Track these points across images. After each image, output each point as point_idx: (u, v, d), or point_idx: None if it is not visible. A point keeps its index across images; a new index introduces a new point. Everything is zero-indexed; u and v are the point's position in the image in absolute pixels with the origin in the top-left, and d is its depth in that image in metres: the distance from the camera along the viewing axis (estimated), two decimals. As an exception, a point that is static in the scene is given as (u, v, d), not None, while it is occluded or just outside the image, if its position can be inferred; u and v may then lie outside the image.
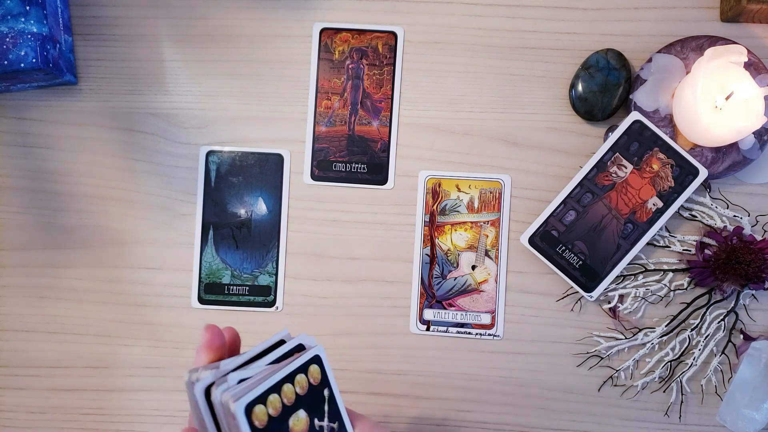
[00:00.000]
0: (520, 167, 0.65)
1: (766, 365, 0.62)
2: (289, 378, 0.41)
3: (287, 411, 0.41)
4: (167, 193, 0.67)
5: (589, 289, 0.63)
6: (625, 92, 0.63)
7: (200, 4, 0.67)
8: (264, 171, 0.66)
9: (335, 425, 0.43)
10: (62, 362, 0.67)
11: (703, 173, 0.62)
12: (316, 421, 0.42)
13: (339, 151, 0.66)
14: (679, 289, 0.64)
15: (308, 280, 0.66)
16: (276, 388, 0.40)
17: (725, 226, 0.64)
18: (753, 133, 0.61)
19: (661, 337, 0.64)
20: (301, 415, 0.41)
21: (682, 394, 0.64)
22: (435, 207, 0.66)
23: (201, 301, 0.66)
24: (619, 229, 0.62)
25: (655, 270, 0.64)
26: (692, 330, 0.64)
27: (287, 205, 0.66)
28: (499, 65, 0.66)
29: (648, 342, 0.64)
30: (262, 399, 0.39)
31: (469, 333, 0.65)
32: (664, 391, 0.64)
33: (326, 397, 0.43)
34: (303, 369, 0.42)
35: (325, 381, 0.43)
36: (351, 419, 0.45)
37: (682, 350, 0.64)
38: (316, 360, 0.43)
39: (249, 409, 0.39)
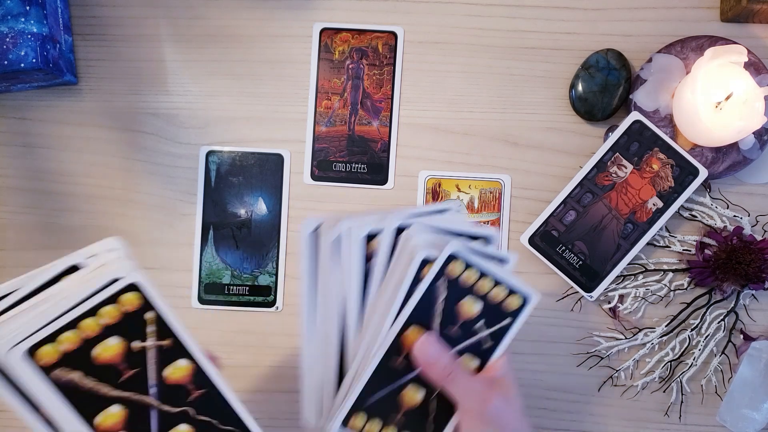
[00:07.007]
0: (520, 167, 0.65)
1: (766, 365, 0.62)
2: (495, 281, 0.46)
3: (471, 291, 0.46)
4: (167, 193, 0.67)
5: (589, 289, 0.63)
6: (625, 92, 0.63)
7: (200, 4, 0.67)
8: (264, 171, 0.66)
9: (488, 345, 0.47)
10: (62, 362, 0.67)
11: (703, 173, 0.62)
12: (481, 323, 0.46)
13: (339, 151, 0.66)
14: (679, 289, 0.64)
15: (308, 280, 0.66)
16: (481, 273, 0.46)
17: (725, 226, 0.64)
18: (753, 133, 0.61)
19: (661, 337, 0.64)
20: (477, 306, 0.46)
21: (682, 394, 0.64)
22: (435, 207, 0.66)
23: (201, 301, 0.66)
24: (619, 229, 0.62)
25: (655, 270, 0.64)
26: (692, 330, 0.64)
27: (287, 205, 0.66)
28: (499, 65, 0.66)
29: (648, 342, 0.64)
30: (465, 263, 0.45)
31: (469, 333, 0.65)
32: (664, 391, 0.64)
33: (503, 324, 0.47)
34: (509, 289, 0.47)
35: (515, 316, 0.47)
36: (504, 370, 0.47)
37: (682, 350, 0.64)
38: (523, 299, 0.48)
39: (450, 259, 0.44)
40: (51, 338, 0.39)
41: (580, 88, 0.64)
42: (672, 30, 0.65)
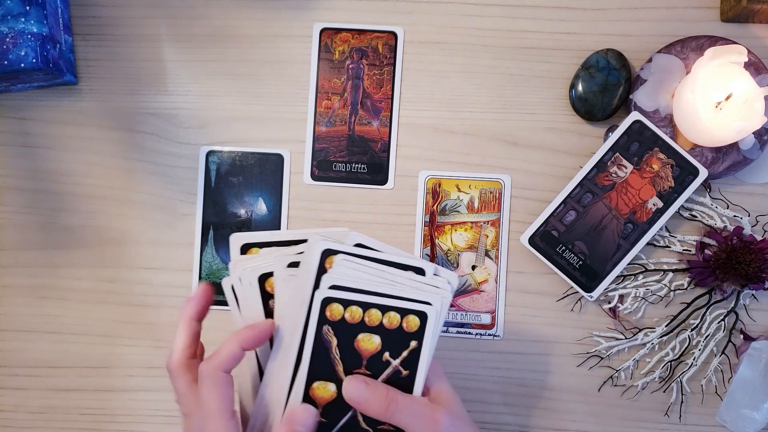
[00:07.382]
0: (520, 167, 0.65)
1: (766, 365, 0.62)
2: (383, 308, 0.43)
3: (363, 328, 0.43)
4: (167, 193, 0.67)
5: (589, 289, 0.63)
6: (625, 92, 0.63)
7: (200, 4, 0.67)
8: (264, 171, 0.66)
9: (405, 372, 0.44)
10: (62, 362, 0.67)
11: (703, 173, 0.62)
12: (387, 354, 0.44)
13: (339, 151, 0.66)
14: (679, 289, 0.64)
15: (308, 280, 0.66)
16: (365, 306, 0.43)
17: (725, 226, 0.64)
18: (753, 133, 0.61)
19: (661, 337, 0.64)
20: (375, 339, 0.43)
21: (682, 394, 0.64)
22: (435, 207, 0.66)
23: (201, 301, 0.66)
24: (619, 229, 0.63)
25: (655, 270, 0.64)
26: (692, 330, 0.64)
27: (287, 205, 0.66)
28: (499, 65, 0.66)
29: (648, 342, 0.64)
30: (343, 302, 0.43)
31: (469, 333, 0.65)
32: (664, 391, 0.64)
33: (411, 347, 0.44)
34: (401, 312, 0.44)
35: (420, 336, 0.44)
36: (432, 379, 0.46)
37: (682, 350, 0.64)
38: (421, 315, 0.44)
39: (325, 304, 0.42)
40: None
41: (580, 88, 0.64)
42: (672, 30, 0.65)
